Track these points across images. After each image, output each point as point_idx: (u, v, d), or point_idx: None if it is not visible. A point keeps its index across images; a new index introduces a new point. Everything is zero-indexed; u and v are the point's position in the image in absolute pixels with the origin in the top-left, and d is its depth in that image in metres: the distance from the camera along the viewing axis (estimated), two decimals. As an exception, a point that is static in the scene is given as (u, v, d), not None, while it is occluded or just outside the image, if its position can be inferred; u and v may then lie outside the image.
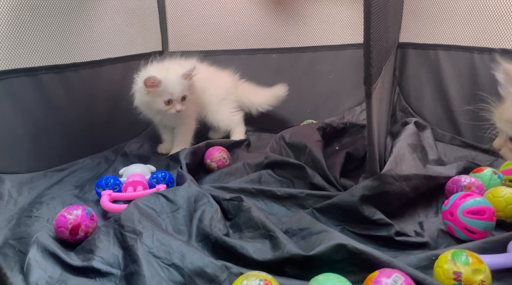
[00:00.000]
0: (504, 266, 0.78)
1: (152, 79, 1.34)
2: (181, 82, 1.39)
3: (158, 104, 1.39)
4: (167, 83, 1.36)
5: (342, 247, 0.77)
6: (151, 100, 1.38)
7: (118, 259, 0.83)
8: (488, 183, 1.05)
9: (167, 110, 1.39)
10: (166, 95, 1.37)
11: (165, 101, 1.38)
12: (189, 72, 1.41)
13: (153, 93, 1.37)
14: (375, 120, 0.93)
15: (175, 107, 1.39)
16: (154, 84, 1.35)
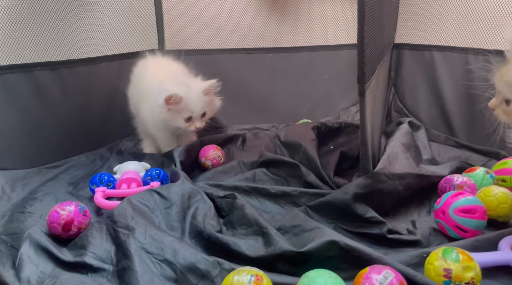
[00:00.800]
0: (495, 264, 0.78)
1: (174, 96, 1.29)
2: (202, 99, 1.36)
3: (178, 121, 1.34)
4: (188, 100, 1.32)
5: (334, 244, 0.78)
6: (170, 117, 1.33)
7: (110, 254, 0.83)
8: (481, 183, 1.06)
9: (187, 128, 1.36)
10: (187, 112, 1.33)
11: (185, 119, 1.34)
12: (209, 88, 1.38)
13: (173, 111, 1.32)
14: (368, 118, 0.93)
15: (194, 124, 1.36)
16: (176, 102, 1.31)
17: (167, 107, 1.31)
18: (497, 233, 0.85)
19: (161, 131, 1.43)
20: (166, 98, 1.29)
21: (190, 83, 1.37)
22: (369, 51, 0.90)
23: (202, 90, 1.35)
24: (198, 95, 1.34)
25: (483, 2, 1.39)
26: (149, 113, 1.38)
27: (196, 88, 1.35)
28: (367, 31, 0.87)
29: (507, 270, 0.78)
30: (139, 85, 1.46)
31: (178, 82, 1.35)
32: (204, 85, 1.37)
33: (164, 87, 1.32)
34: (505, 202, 0.94)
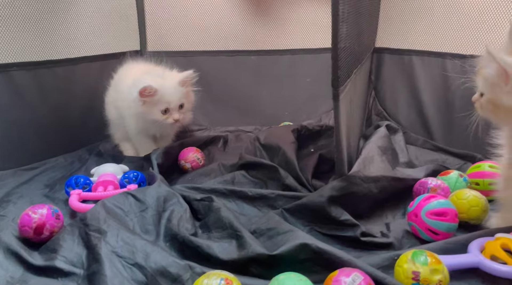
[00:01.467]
0: (464, 266, 0.79)
1: (149, 88, 1.27)
2: (179, 90, 1.33)
3: (154, 114, 1.32)
4: (163, 91, 1.30)
5: (305, 247, 0.78)
6: (146, 110, 1.31)
7: (81, 258, 0.82)
8: (454, 186, 1.08)
9: (164, 120, 1.33)
10: (163, 104, 1.31)
11: (161, 111, 1.32)
12: (186, 79, 1.36)
13: (148, 103, 1.30)
14: (342, 122, 0.94)
15: (172, 116, 1.33)
16: (150, 94, 1.28)
17: (142, 100, 1.29)
18: (467, 235, 0.87)
19: (140, 136, 1.42)
20: (141, 91, 1.27)
21: (165, 75, 1.35)
22: (343, 55, 0.91)
23: (178, 81, 1.33)
24: (174, 86, 1.32)
25: (459, 9, 1.42)
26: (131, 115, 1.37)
27: (171, 79, 1.33)
28: (342, 35, 0.88)
29: (476, 272, 0.79)
30: (118, 88, 1.44)
31: (152, 74, 1.34)
32: (180, 76, 1.35)
33: (138, 80, 1.31)
34: (476, 205, 0.96)
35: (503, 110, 0.81)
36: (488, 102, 0.83)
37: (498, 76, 0.78)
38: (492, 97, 0.82)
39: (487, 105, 0.84)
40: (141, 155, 1.42)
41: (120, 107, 1.41)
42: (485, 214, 0.97)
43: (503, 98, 0.79)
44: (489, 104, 0.83)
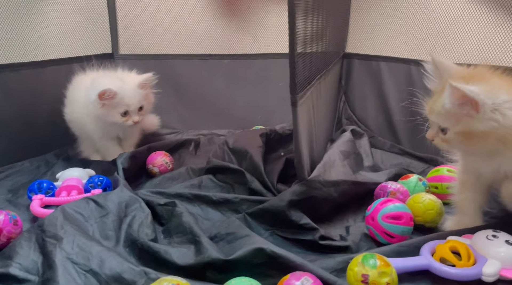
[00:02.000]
0: (415, 269, 0.82)
1: (108, 91, 1.26)
2: (138, 92, 1.34)
3: (113, 116, 1.31)
4: (123, 94, 1.30)
5: (261, 251, 0.79)
6: (105, 113, 1.30)
7: (37, 265, 0.81)
8: (413, 189, 1.10)
9: (124, 122, 1.33)
10: (123, 106, 1.31)
11: (121, 113, 1.32)
12: (146, 81, 1.36)
13: (108, 106, 1.30)
14: (302, 127, 0.96)
15: (132, 119, 1.34)
16: (110, 97, 1.28)
17: (101, 102, 1.28)
18: (420, 238, 0.89)
19: (104, 140, 1.41)
20: (100, 93, 1.26)
21: (124, 77, 1.35)
22: (303, 63, 0.93)
23: (137, 83, 1.34)
24: (133, 88, 1.33)
25: (424, 18, 1.46)
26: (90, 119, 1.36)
27: (131, 81, 1.33)
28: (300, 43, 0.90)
29: (427, 274, 0.81)
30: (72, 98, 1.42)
31: (111, 77, 1.34)
32: (140, 78, 1.36)
33: (96, 83, 1.30)
34: (432, 209, 0.99)
35: (478, 136, 0.79)
36: (459, 134, 0.81)
37: (464, 107, 0.77)
38: (463, 129, 0.80)
39: (456, 138, 0.82)
40: (109, 159, 1.42)
41: (78, 117, 1.40)
42: (440, 217, 1.00)
43: (478, 126, 0.78)
44: (460, 136, 0.81)
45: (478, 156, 0.86)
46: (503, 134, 0.77)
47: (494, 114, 0.76)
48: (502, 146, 0.79)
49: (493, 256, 0.79)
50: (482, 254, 0.80)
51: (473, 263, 0.79)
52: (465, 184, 0.96)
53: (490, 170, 0.86)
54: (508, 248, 0.79)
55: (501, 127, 0.76)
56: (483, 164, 0.86)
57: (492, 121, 0.76)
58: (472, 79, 0.80)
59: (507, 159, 0.81)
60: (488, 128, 0.77)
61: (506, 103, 0.76)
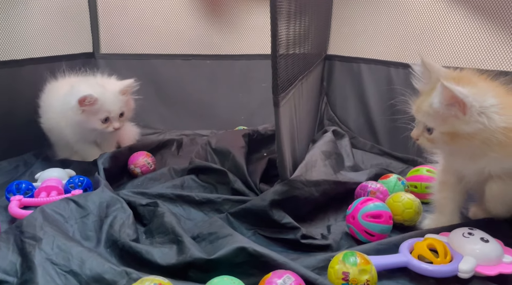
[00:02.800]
0: (394, 266, 0.83)
1: (89, 98, 1.24)
2: (119, 98, 1.32)
3: (93, 123, 1.29)
4: (104, 100, 1.27)
5: (242, 250, 0.80)
6: (85, 119, 1.28)
7: (15, 266, 0.80)
8: (393, 189, 1.13)
9: (104, 129, 1.31)
10: (103, 113, 1.29)
11: (101, 120, 1.30)
12: (127, 87, 1.35)
13: (88, 112, 1.27)
14: (283, 128, 0.97)
15: (112, 125, 1.32)
16: (90, 103, 1.25)
17: (81, 108, 1.26)
18: (399, 236, 0.91)
19: (80, 143, 1.39)
20: (80, 100, 1.24)
21: (104, 83, 1.33)
22: (285, 64, 0.94)
23: (119, 89, 1.32)
24: (114, 95, 1.31)
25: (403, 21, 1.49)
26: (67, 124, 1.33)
27: (112, 88, 1.32)
28: (282, 45, 0.91)
29: (405, 271, 0.83)
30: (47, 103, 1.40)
31: (91, 82, 1.31)
32: (121, 84, 1.34)
33: (76, 88, 1.28)
34: (410, 208, 1.01)
35: (463, 138, 0.81)
36: (444, 135, 0.83)
37: (451, 108, 0.79)
38: (449, 130, 0.82)
39: (441, 138, 0.84)
40: (89, 160, 1.40)
41: (56, 123, 1.36)
42: (419, 216, 1.03)
43: (464, 128, 0.80)
44: (445, 136, 0.83)
45: (462, 158, 0.88)
46: (488, 136, 0.79)
47: (480, 117, 0.78)
48: (485, 148, 0.81)
49: (468, 253, 0.81)
50: (459, 251, 0.82)
51: (450, 260, 0.81)
52: (444, 183, 0.98)
53: (473, 171, 0.88)
54: (483, 246, 0.81)
55: (486, 129, 0.79)
56: (467, 165, 0.88)
57: (478, 123, 0.79)
58: (461, 82, 0.82)
59: (492, 161, 0.83)
60: (473, 130, 0.79)
61: (492, 107, 0.79)
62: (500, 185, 0.86)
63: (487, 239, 0.83)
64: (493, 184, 0.87)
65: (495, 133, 0.79)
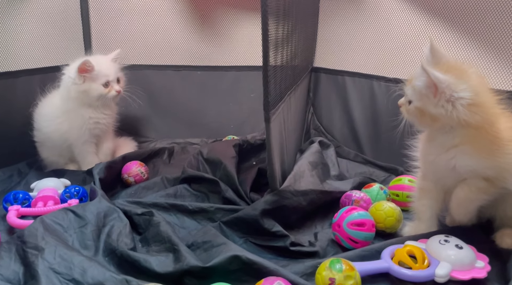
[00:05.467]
0: (377, 271, 0.89)
1: (87, 63, 1.35)
2: (112, 65, 1.46)
3: (96, 89, 1.40)
4: (100, 66, 1.40)
5: (236, 258, 0.85)
6: (88, 87, 1.39)
7: (18, 275, 0.84)
8: (375, 198, 1.19)
9: (107, 93, 1.42)
10: (103, 77, 1.41)
11: (103, 84, 1.41)
12: (116, 56, 1.49)
13: (89, 79, 1.39)
14: (274, 141, 1.02)
15: (114, 88, 1.44)
16: (89, 69, 1.37)
17: (82, 76, 1.38)
18: (381, 243, 0.97)
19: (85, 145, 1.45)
20: (80, 67, 1.35)
21: (95, 57, 1.46)
22: (273, 81, 1.00)
23: (110, 58, 1.47)
24: (107, 61, 1.46)
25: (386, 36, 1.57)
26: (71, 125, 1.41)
27: (103, 58, 1.47)
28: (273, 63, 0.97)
29: (387, 276, 0.89)
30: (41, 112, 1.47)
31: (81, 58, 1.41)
32: (110, 55, 1.49)
33: (71, 64, 1.41)
34: (391, 216, 1.08)
35: (428, 117, 0.91)
36: (416, 109, 0.93)
37: (427, 88, 0.88)
38: (420, 106, 0.91)
39: (415, 111, 0.93)
40: (84, 169, 1.43)
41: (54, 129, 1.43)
42: (399, 223, 1.09)
43: (430, 108, 0.89)
44: (416, 110, 0.93)
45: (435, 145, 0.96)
46: (447, 122, 0.89)
47: (446, 104, 0.87)
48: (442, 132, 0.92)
49: (444, 259, 0.87)
50: (435, 257, 0.89)
51: (427, 265, 0.87)
52: (423, 190, 1.05)
53: (444, 164, 0.94)
54: (457, 252, 0.88)
55: (447, 117, 0.87)
56: (438, 154, 0.95)
57: (442, 108, 0.87)
58: (452, 70, 0.90)
59: (459, 153, 0.91)
60: (436, 113, 0.88)
61: (462, 99, 0.86)
62: (466, 191, 0.94)
63: (461, 246, 0.89)
64: (460, 191, 0.95)
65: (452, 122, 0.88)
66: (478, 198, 0.94)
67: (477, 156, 0.90)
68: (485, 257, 0.90)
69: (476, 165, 0.90)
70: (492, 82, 1.32)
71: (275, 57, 1.00)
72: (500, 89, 1.28)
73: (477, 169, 0.91)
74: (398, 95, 1.01)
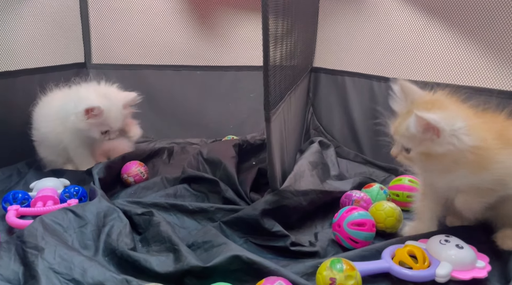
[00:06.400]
0: (377, 271, 0.89)
1: (96, 109, 1.29)
2: (122, 113, 1.37)
3: (93, 133, 1.34)
4: (109, 115, 1.32)
5: (237, 258, 0.85)
6: (88, 128, 1.33)
7: (18, 275, 0.83)
8: (376, 198, 1.19)
9: (102, 139, 1.37)
10: (105, 126, 1.35)
11: (102, 132, 1.35)
12: (130, 102, 1.39)
13: (91, 123, 1.32)
14: (274, 142, 1.02)
15: (109, 137, 1.38)
16: (96, 115, 1.30)
17: (86, 117, 1.31)
18: (381, 243, 0.97)
19: (80, 149, 1.43)
20: (87, 109, 1.28)
21: (109, 94, 1.36)
22: (273, 81, 1.00)
23: (122, 104, 1.37)
24: (118, 109, 1.36)
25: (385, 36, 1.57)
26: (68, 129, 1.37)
27: (116, 101, 1.35)
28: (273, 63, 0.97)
29: (387, 276, 0.89)
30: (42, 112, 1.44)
31: (99, 92, 1.35)
32: (125, 98, 1.38)
33: (84, 96, 1.32)
34: (391, 216, 1.08)
35: (436, 158, 0.89)
36: (421, 154, 0.91)
37: (426, 133, 0.87)
38: (424, 150, 0.89)
39: (420, 157, 0.91)
40: (81, 169, 1.43)
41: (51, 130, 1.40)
42: (400, 223, 1.09)
43: (437, 149, 0.87)
44: (422, 156, 0.91)
45: (434, 173, 0.96)
46: (457, 155, 0.87)
47: (451, 139, 0.86)
48: (455, 166, 0.89)
49: (445, 259, 0.87)
50: (436, 257, 0.89)
51: (428, 265, 0.87)
52: (424, 194, 1.05)
53: (444, 185, 0.96)
54: (458, 252, 0.88)
55: (456, 149, 0.86)
56: (438, 179, 0.96)
57: (450, 144, 0.86)
58: (433, 106, 0.90)
59: (459, 176, 0.91)
60: (445, 150, 0.87)
61: (461, 129, 0.86)
62: (466, 197, 0.94)
63: (461, 245, 0.89)
64: (460, 197, 0.95)
65: (464, 152, 0.86)
66: (481, 201, 0.94)
67: (475, 174, 0.89)
68: (486, 257, 0.90)
69: (476, 182, 0.90)
70: (491, 82, 1.32)
71: (275, 57, 1.00)
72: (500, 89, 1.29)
73: (477, 184, 0.91)
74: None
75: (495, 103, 0.97)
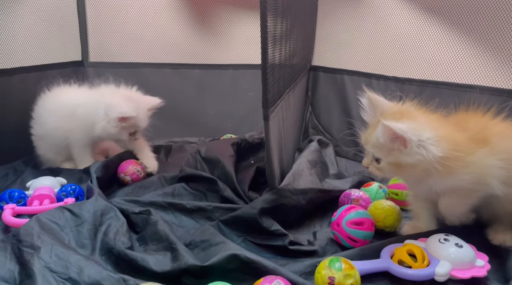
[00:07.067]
0: (376, 270, 0.89)
1: (131, 119, 1.37)
2: (147, 115, 1.46)
3: (123, 135, 1.41)
4: (138, 118, 1.40)
5: (235, 257, 0.84)
6: (119, 132, 1.39)
7: (14, 274, 0.82)
8: (374, 196, 1.19)
9: (129, 139, 1.44)
10: (133, 128, 1.42)
11: (130, 133, 1.42)
12: (155, 107, 1.48)
13: (123, 127, 1.38)
14: (272, 140, 1.02)
15: (135, 137, 1.45)
16: (131, 120, 1.38)
17: (119, 124, 1.36)
18: (380, 242, 0.97)
19: (84, 147, 1.44)
20: (122, 118, 1.35)
21: (138, 101, 1.44)
22: (272, 79, 0.99)
23: (148, 108, 1.45)
24: (145, 112, 1.44)
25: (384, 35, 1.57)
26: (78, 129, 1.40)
27: (143, 105, 1.44)
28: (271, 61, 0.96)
29: (386, 275, 0.89)
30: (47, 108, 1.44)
31: (129, 99, 1.40)
32: (149, 103, 1.46)
33: (116, 103, 1.37)
34: (391, 215, 1.07)
35: (406, 168, 0.89)
36: (391, 164, 0.91)
37: (394, 142, 0.87)
38: (393, 160, 0.89)
39: (388, 167, 0.91)
40: (79, 168, 1.42)
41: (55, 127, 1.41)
42: (399, 222, 1.09)
43: (406, 159, 0.87)
44: (391, 166, 0.91)
45: (409, 181, 0.97)
46: (427, 166, 0.87)
47: (419, 149, 0.85)
48: (425, 176, 0.89)
49: (444, 258, 0.87)
50: (435, 256, 0.88)
51: (427, 264, 0.87)
52: (416, 195, 1.05)
53: (423, 191, 0.96)
54: (457, 251, 0.87)
55: (425, 160, 0.86)
56: (416, 186, 0.97)
57: (418, 155, 0.86)
58: (402, 117, 0.90)
59: (435, 182, 0.91)
60: (414, 160, 0.86)
61: (429, 139, 0.86)
62: (447, 200, 0.94)
63: (461, 244, 0.89)
64: (443, 200, 0.95)
65: (433, 163, 0.86)
66: (465, 203, 0.94)
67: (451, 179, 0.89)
68: (485, 256, 0.90)
69: (455, 185, 0.90)
70: (491, 81, 1.32)
71: (273, 55, 0.99)
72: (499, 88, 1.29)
73: (457, 186, 0.90)
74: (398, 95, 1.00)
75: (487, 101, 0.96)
